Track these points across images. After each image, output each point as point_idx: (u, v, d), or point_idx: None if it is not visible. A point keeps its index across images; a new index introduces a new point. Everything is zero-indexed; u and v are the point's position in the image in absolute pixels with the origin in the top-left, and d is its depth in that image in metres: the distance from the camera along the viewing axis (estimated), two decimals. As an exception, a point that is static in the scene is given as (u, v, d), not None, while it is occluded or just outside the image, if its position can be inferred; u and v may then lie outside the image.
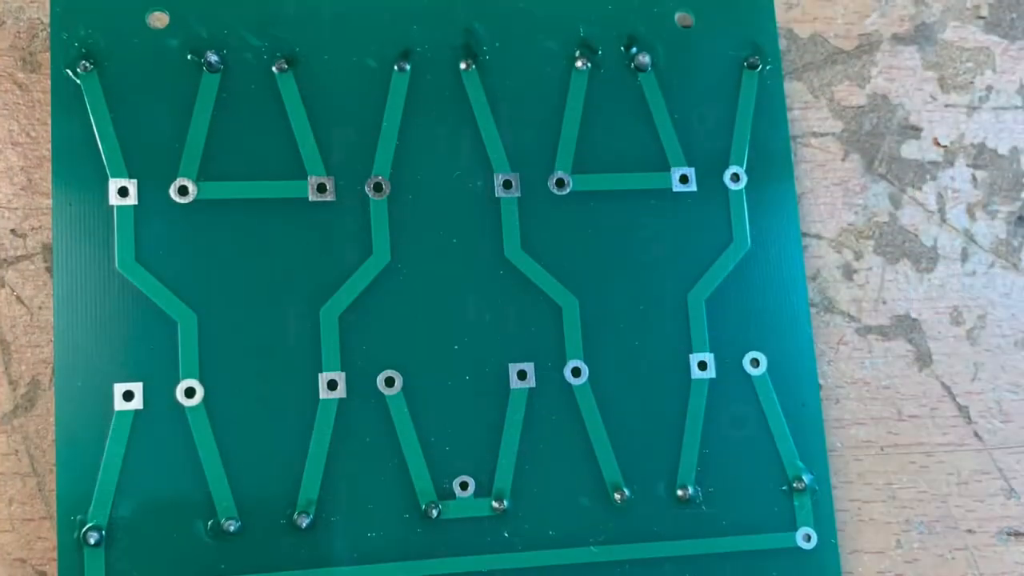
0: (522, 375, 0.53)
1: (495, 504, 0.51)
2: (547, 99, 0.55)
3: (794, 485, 0.53)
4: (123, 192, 0.51)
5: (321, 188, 0.53)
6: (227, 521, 0.49)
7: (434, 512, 0.51)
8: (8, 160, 0.53)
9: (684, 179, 0.55)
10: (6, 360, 0.51)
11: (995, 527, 0.56)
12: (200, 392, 0.50)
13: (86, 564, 0.49)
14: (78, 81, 0.52)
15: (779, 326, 0.55)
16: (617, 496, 0.52)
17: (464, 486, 0.52)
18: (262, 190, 0.52)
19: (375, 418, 0.52)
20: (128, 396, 0.50)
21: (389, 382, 0.52)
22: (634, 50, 0.56)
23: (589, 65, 0.55)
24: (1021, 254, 0.58)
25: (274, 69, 0.53)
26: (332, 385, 0.51)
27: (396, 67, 0.54)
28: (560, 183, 0.54)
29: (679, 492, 0.53)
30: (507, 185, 0.54)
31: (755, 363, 0.54)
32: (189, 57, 0.53)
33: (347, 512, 0.51)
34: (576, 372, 0.53)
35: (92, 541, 0.48)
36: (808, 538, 0.53)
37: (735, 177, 0.56)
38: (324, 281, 0.52)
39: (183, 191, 0.52)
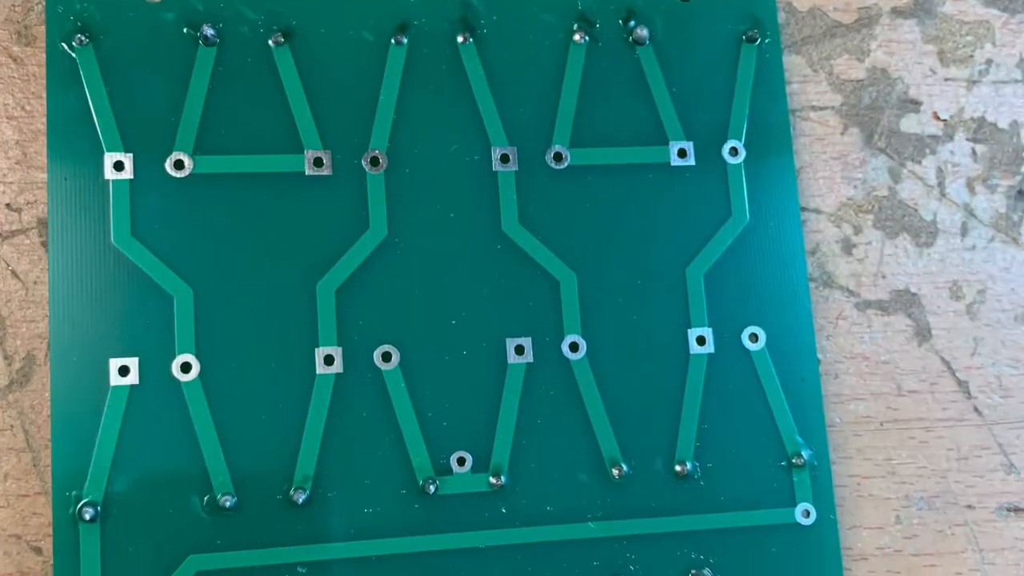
0: (520, 350, 0.52)
1: (492, 480, 0.51)
2: (545, 73, 0.54)
3: (793, 461, 0.53)
4: (119, 166, 0.50)
5: (318, 162, 0.52)
6: (223, 496, 0.49)
7: (431, 488, 0.50)
8: (3, 134, 0.52)
9: (682, 153, 0.54)
10: (1, 335, 0.50)
11: (995, 503, 0.55)
12: (196, 367, 0.50)
13: (81, 540, 0.48)
14: (73, 55, 0.51)
15: (778, 301, 0.54)
16: (615, 472, 0.51)
17: (461, 462, 0.51)
18: (258, 164, 0.52)
19: (372, 393, 0.51)
20: (124, 371, 0.49)
21: (386, 357, 0.51)
22: (632, 23, 0.55)
23: (587, 39, 0.55)
24: (1021, 228, 0.57)
25: (270, 43, 0.52)
26: (329, 360, 0.51)
27: (393, 40, 0.53)
28: (558, 157, 0.54)
29: (677, 468, 0.52)
30: (504, 159, 0.53)
31: (754, 338, 0.53)
32: (185, 31, 0.52)
33: (344, 487, 0.50)
34: (574, 347, 0.52)
35: (87, 517, 0.48)
36: (807, 514, 0.52)
37: (733, 151, 0.55)
38: (321, 255, 0.51)
39: (179, 165, 0.51)
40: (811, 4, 0.58)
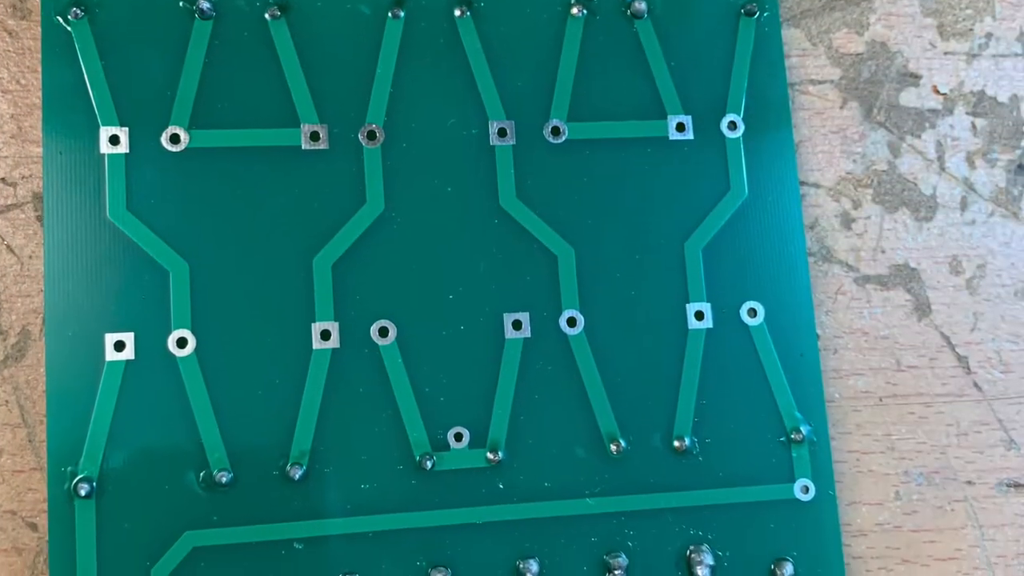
0: (517, 325, 0.51)
1: (490, 455, 0.50)
2: (542, 46, 0.53)
3: (792, 436, 0.52)
4: (114, 140, 0.50)
5: (314, 136, 0.51)
6: (219, 472, 0.48)
7: (428, 463, 0.49)
8: (-2, 108, 0.51)
9: (681, 127, 0.53)
10: (-4, 309, 0.50)
11: (995, 478, 0.54)
12: (192, 342, 0.49)
13: (77, 516, 0.47)
14: (69, 28, 0.50)
15: (777, 276, 0.53)
16: (613, 447, 0.50)
17: (459, 437, 0.50)
18: (255, 138, 0.51)
19: (369, 368, 0.50)
20: (119, 346, 0.48)
21: (383, 332, 0.50)
22: (630, -4, 0.54)
23: (585, 12, 0.54)
24: (1021, 203, 0.56)
25: (267, 16, 0.52)
26: (325, 335, 0.50)
27: (390, 14, 0.52)
28: (556, 131, 0.53)
29: (676, 443, 0.51)
30: (502, 133, 0.52)
31: (752, 313, 0.52)
32: (181, 4, 0.51)
33: (340, 463, 0.49)
34: (572, 322, 0.51)
35: (83, 492, 0.47)
36: (806, 490, 0.52)
37: (732, 125, 0.54)
38: (317, 230, 0.50)
39: (175, 139, 0.50)
40: (810, -23, 0.58)
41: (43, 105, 0.49)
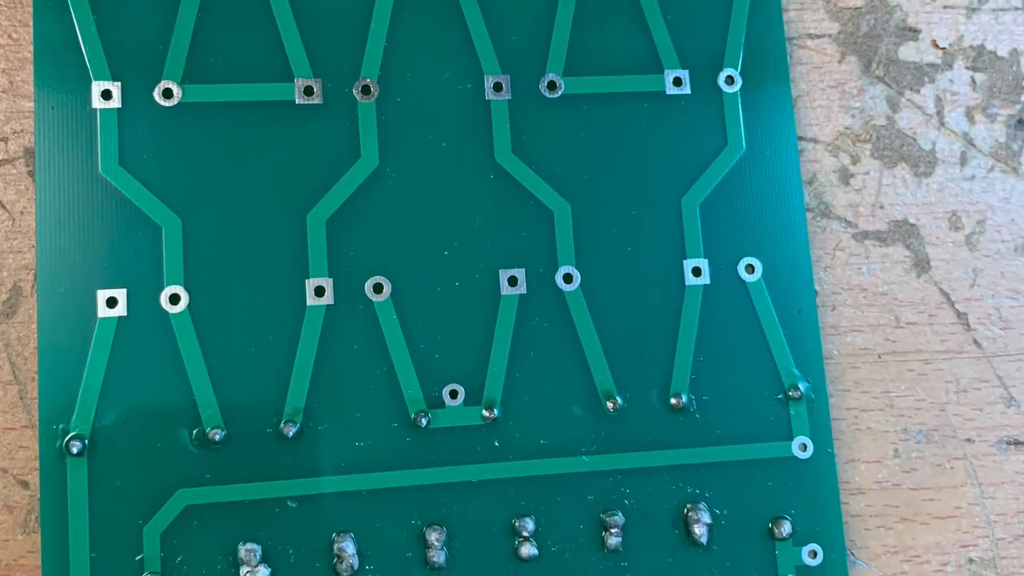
0: (513, 281, 0.49)
1: (485, 413, 0.48)
2: None
3: (790, 393, 0.50)
4: (106, 95, 0.48)
5: (308, 91, 0.49)
6: (212, 430, 0.46)
7: (423, 421, 0.48)
8: (-11, 63, 0.50)
9: (678, 82, 0.52)
10: (-13, 266, 0.48)
11: (994, 436, 0.53)
12: (185, 299, 0.47)
13: (69, 474, 0.46)
14: None
15: (775, 231, 0.51)
16: (609, 404, 0.49)
17: (454, 394, 0.49)
18: (248, 93, 0.49)
19: (363, 325, 0.49)
20: (112, 303, 0.47)
21: (377, 288, 0.49)
22: (627, -50, 0.53)
23: (581, -35, 0.52)
24: (1021, 158, 0.55)
25: (259, -31, 0.50)
26: (319, 291, 0.48)
27: (384, -33, 0.51)
28: (552, 86, 0.51)
29: (672, 400, 0.49)
30: (498, 87, 0.51)
31: (750, 269, 0.51)
32: (173, -43, 0.50)
33: (334, 421, 0.48)
34: (568, 278, 0.50)
35: (75, 450, 0.45)
36: (804, 447, 0.50)
37: (730, 80, 0.52)
38: (311, 185, 0.49)
39: (168, 94, 0.48)
40: (808, -69, 0.56)
41: (35, 59, 0.48)
